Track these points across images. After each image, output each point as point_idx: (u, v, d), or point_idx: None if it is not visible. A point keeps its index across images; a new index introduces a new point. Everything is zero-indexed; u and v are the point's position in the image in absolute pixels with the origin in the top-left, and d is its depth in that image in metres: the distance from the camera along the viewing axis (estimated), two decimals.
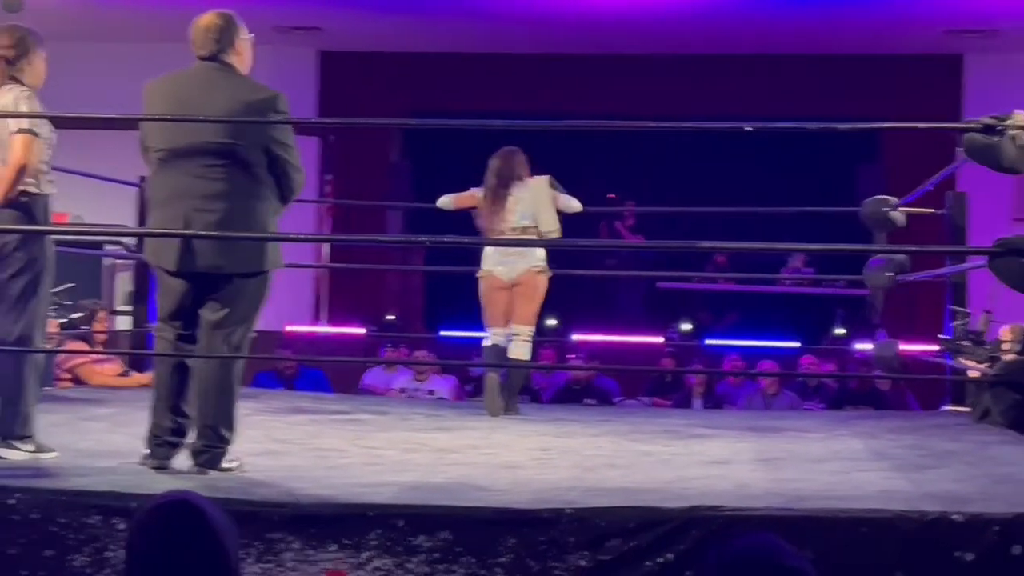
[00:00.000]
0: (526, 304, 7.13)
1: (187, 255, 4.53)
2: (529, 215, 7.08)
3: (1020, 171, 4.26)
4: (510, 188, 7.10)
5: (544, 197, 7.11)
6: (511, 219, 7.08)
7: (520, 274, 7.10)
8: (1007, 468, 4.92)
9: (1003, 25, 11.68)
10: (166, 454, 4.58)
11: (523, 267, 7.09)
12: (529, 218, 7.08)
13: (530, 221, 7.08)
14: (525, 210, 7.09)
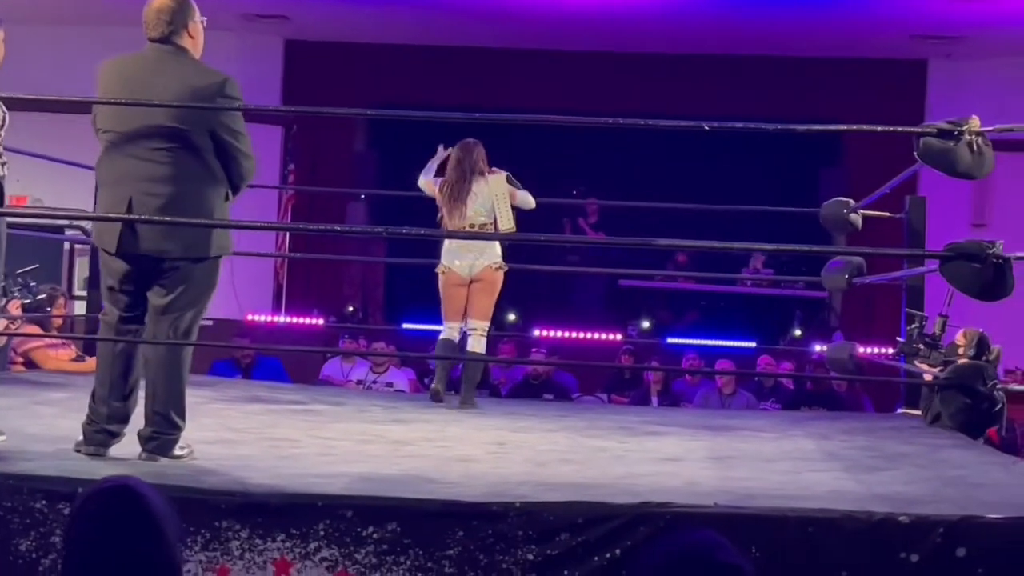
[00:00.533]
0: (484, 299, 7.18)
1: (129, 238, 4.49)
2: (487, 211, 7.11)
3: (975, 176, 4.29)
4: (470, 182, 7.10)
5: (502, 193, 7.12)
6: (469, 214, 7.09)
7: (479, 271, 7.13)
8: (956, 471, 4.95)
9: (968, 32, 11.79)
10: (103, 441, 4.54)
11: (483, 264, 7.13)
12: (487, 214, 7.11)
13: (487, 217, 7.11)
14: (483, 205, 7.11)
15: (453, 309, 7.24)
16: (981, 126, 4.44)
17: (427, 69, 13.20)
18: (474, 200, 7.10)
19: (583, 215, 13.61)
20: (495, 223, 7.11)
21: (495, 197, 7.09)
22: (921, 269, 6.82)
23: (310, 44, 13.26)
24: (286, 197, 12.89)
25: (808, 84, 13.09)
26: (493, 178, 7.15)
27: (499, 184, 7.13)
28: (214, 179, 4.56)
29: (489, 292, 7.19)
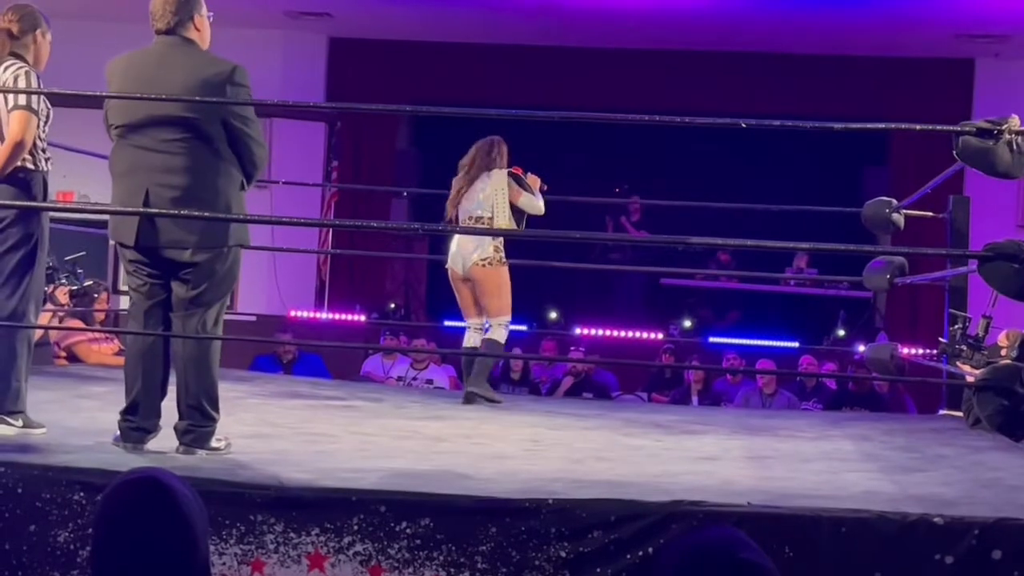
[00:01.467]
0: (489, 299, 7.14)
1: (148, 230, 4.53)
2: (487, 206, 7.11)
3: (1015, 176, 4.24)
4: (477, 177, 7.16)
5: (501, 188, 7.09)
6: (468, 208, 7.16)
7: (469, 268, 7.11)
8: (994, 473, 4.92)
9: (1014, 30, 11.66)
10: (139, 438, 4.60)
11: (472, 260, 7.09)
12: (485, 209, 7.12)
13: (486, 212, 7.11)
14: (485, 201, 7.11)
15: (462, 305, 7.30)
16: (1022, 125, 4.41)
17: (469, 66, 13.23)
18: (475, 195, 7.14)
19: (625, 213, 13.59)
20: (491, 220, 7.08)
21: (495, 192, 7.09)
22: (963, 269, 6.77)
23: (354, 41, 13.30)
24: (329, 194, 12.94)
25: (855, 83, 13.00)
26: (496, 173, 7.14)
27: (500, 179, 7.12)
28: (227, 169, 4.58)
29: (490, 291, 7.12)
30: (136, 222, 4.53)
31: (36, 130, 4.80)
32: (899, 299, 12.51)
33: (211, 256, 4.57)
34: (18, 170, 4.79)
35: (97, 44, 10.48)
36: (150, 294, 4.64)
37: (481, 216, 7.07)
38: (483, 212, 7.08)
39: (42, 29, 4.97)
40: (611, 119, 5.44)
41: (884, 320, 12.99)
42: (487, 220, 7.05)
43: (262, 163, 4.71)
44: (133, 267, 4.65)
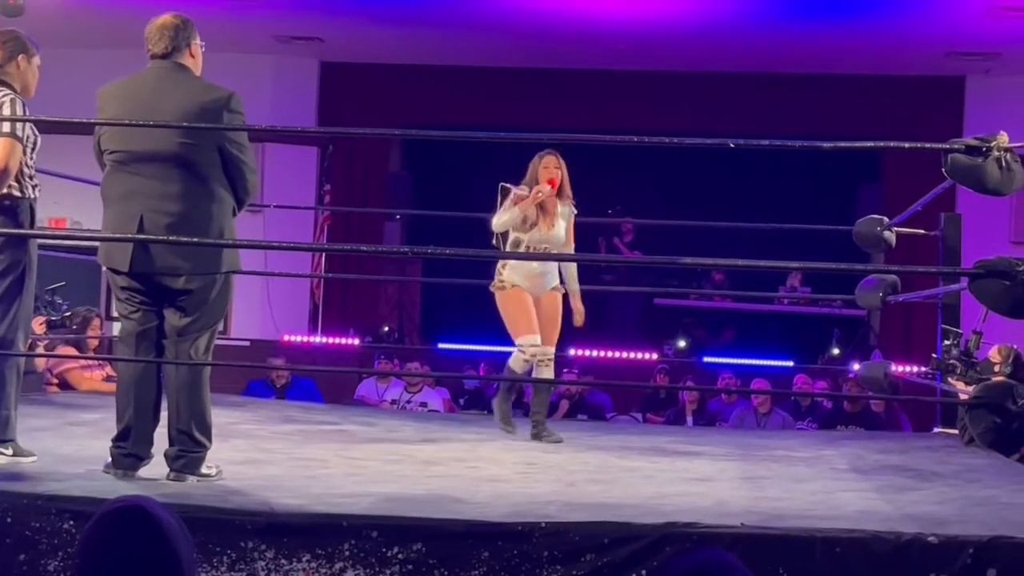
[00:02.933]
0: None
1: (142, 256, 4.52)
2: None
3: (1004, 193, 4.24)
4: None
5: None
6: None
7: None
8: (989, 491, 4.90)
9: (1004, 48, 11.71)
10: (131, 465, 4.57)
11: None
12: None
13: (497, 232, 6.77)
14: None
15: None
16: (1016, 142, 4.41)
17: (461, 89, 13.26)
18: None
19: (618, 234, 13.59)
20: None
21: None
22: (956, 287, 6.77)
23: (345, 65, 13.33)
24: (322, 218, 12.94)
25: (847, 102, 13.04)
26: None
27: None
28: (222, 195, 4.58)
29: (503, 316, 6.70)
30: (130, 248, 4.52)
31: (23, 157, 4.79)
32: (893, 316, 12.52)
33: (204, 283, 4.56)
34: (4, 197, 4.77)
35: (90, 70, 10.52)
36: (142, 321, 4.63)
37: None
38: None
39: (28, 54, 4.94)
40: (601, 140, 5.43)
41: (878, 338, 12.98)
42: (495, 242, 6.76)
43: (254, 189, 4.71)
44: (125, 294, 4.63)
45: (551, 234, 6.59)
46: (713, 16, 11.11)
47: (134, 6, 10.35)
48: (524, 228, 6.57)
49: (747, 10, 10.92)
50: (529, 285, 6.58)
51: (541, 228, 6.57)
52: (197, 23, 4.86)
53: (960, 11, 10.69)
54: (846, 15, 10.91)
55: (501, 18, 11.37)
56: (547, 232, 6.59)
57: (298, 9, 11.52)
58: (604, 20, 11.23)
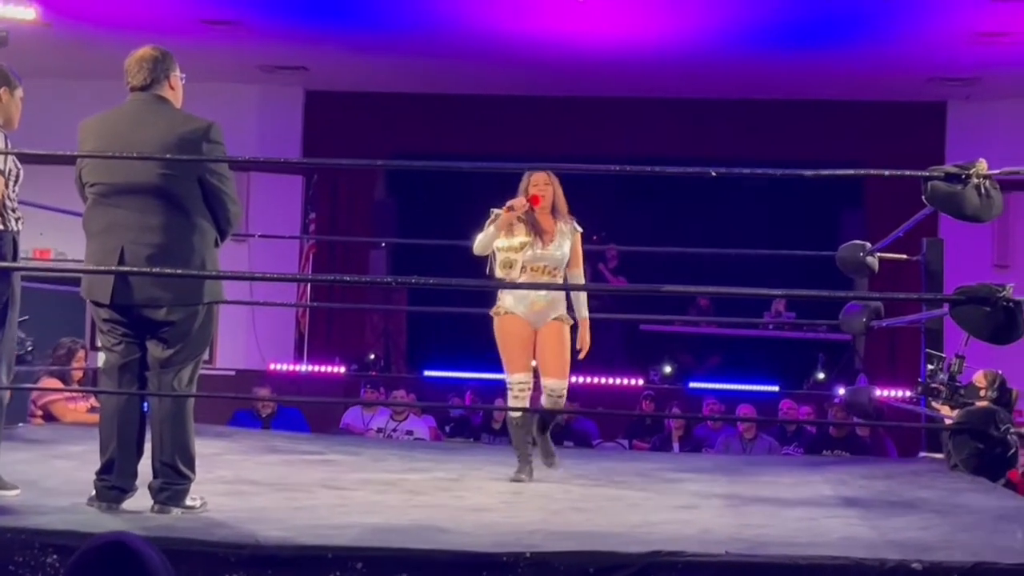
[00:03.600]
0: None
1: (123, 288, 4.52)
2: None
3: (983, 219, 4.27)
4: None
5: None
6: None
7: None
8: (973, 516, 4.91)
9: (985, 73, 11.80)
10: (115, 497, 4.56)
11: None
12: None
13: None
14: None
15: None
16: (997, 167, 4.45)
17: (446, 117, 13.30)
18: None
19: (603, 260, 13.60)
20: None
21: None
22: (938, 312, 6.79)
23: (330, 94, 13.36)
24: (307, 246, 12.95)
25: (829, 127, 13.12)
26: None
27: None
28: (203, 226, 4.59)
29: None
30: (111, 280, 4.52)
31: (5, 190, 4.78)
32: (878, 341, 12.55)
33: (186, 314, 4.56)
34: None
35: (73, 102, 10.55)
36: (125, 353, 4.63)
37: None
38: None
39: (10, 87, 4.94)
40: (585, 169, 5.47)
41: (863, 362, 13.01)
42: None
43: (236, 220, 4.72)
44: (108, 326, 4.63)
45: (547, 253, 6.17)
46: (697, 43, 11.17)
47: (117, 38, 10.40)
48: (516, 248, 6.15)
49: (730, 37, 10.98)
50: (526, 312, 6.16)
51: (535, 247, 6.14)
52: (182, 52, 4.89)
53: (941, 37, 10.77)
54: (828, 41, 10.98)
55: (485, 46, 11.42)
56: (543, 250, 6.16)
57: (283, 39, 11.55)
58: (589, 48, 11.28)
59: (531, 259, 6.15)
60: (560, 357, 6.23)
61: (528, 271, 6.14)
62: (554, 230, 6.23)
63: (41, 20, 10.72)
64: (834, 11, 10.09)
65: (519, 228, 6.18)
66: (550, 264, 6.18)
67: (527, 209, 6.18)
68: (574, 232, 6.33)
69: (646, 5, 10.28)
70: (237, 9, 10.71)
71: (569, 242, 6.27)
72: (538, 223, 6.20)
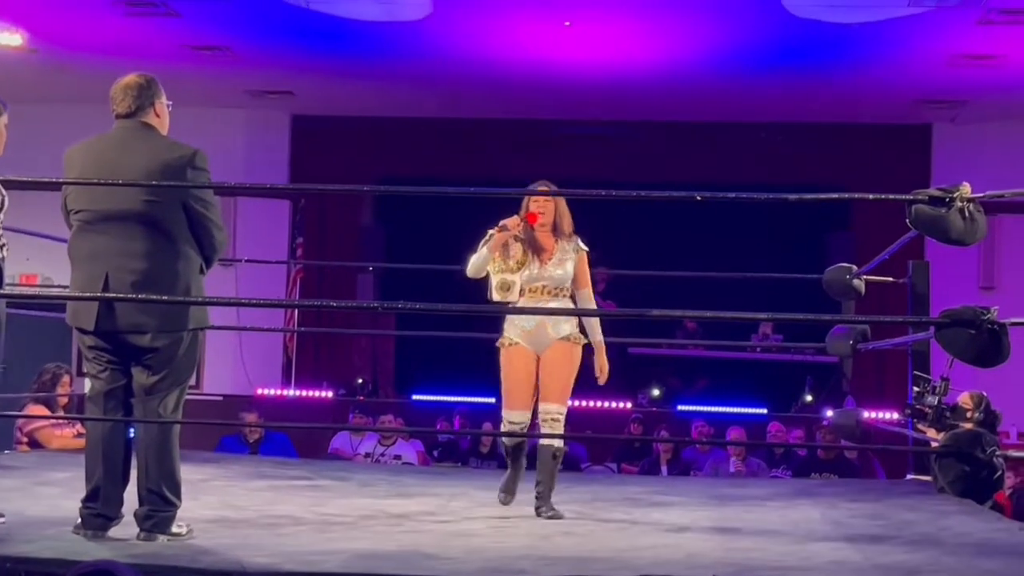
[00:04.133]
0: None
1: (107, 315, 4.52)
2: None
3: (967, 243, 4.29)
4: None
5: None
6: None
7: None
8: (960, 538, 4.92)
9: (971, 96, 11.85)
10: (101, 525, 4.55)
11: None
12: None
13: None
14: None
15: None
16: (982, 190, 4.47)
17: (433, 141, 13.31)
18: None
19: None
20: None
21: None
22: (924, 335, 6.81)
23: (317, 119, 13.37)
24: (294, 271, 12.94)
25: (816, 150, 13.17)
26: None
27: None
28: (188, 252, 4.59)
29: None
30: (96, 307, 4.52)
31: None
32: (865, 363, 12.55)
33: (171, 340, 4.55)
34: None
35: (57, 127, 10.55)
36: (110, 380, 4.62)
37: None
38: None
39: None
40: (571, 194, 5.48)
41: (851, 385, 13.02)
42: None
43: (222, 246, 4.72)
44: (92, 353, 4.63)
45: (546, 272, 5.85)
46: (682, 67, 11.21)
47: (103, 64, 10.42)
48: (512, 269, 5.86)
49: (716, 61, 11.02)
50: (526, 340, 5.85)
51: (532, 267, 5.85)
52: (169, 78, 4.90)
53: (926, 60, 10.81)
54: (814, 65, 11.02)
55: (471, 71, 11.44)
56: (540, 270, 5.85)
57: (269, 64, 11.57)
58: (575, 72, 11.31)
59: (529, 279, 5.86)
60: (560, 381, 5.88)
61: (527, 292, 5.85)
62: (554, 248, 5.92)
63: (27, 46, 10.74)
64: (819, 34, 10.13)
65: (515, 248, 5.89)
66: (550, 284, 5.87)
67: (523, 227, 5.90)
68: (578, 251, 5.98)
69: (632, 29, 10.31)
70: (223, 35, 10.72)
71: (572, 262, 5.93)
72: (536, 241, 5.91)
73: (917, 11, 9.47)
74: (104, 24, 10.31)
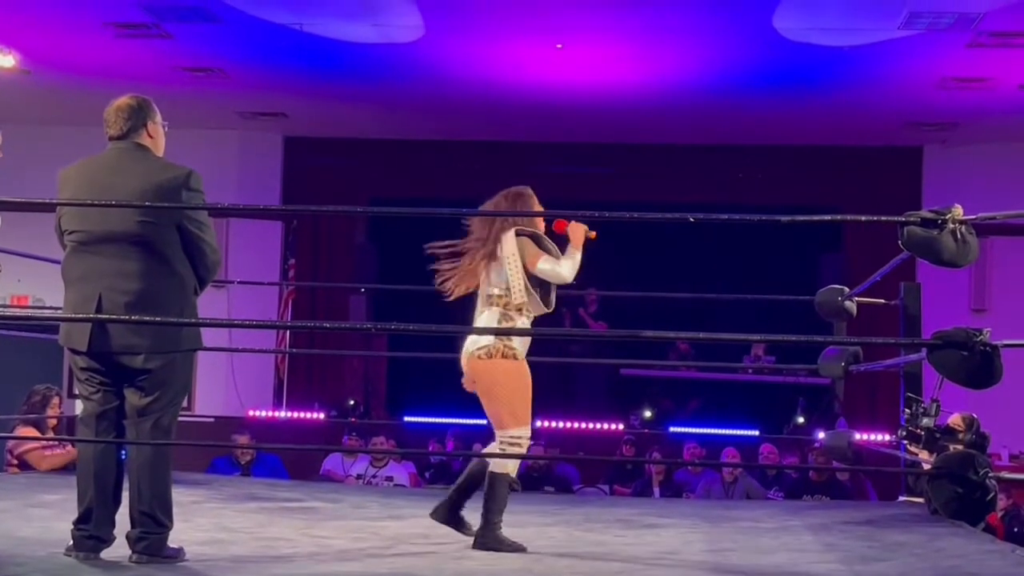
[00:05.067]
0: (488, 403, 5.38)
1: (100, 336, 4.51)
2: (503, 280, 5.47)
3: (959, 265, 4.30)
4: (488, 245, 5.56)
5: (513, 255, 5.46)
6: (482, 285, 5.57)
7: (464, 363, 5.51)
8: (953, 560, 4.90)
9: (961, 119, 11.91)
10: (93, 547, 4.53)
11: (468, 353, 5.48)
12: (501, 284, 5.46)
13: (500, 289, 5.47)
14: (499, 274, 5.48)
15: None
16: (972, 212, 4.48)
17: (425, 163, 13.34)
18: (489, 267, 5.50)
19: (583, 305, 13.63)
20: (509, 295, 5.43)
21: (507, 260, 5.42)
22: (916, 356, 6.81)
23: (309, 140, 13.40)
24: (287, 292, 12.94)
25: (808, 173, 13.23)
26: (507, 236, 5.47)
27: (509, 243, 5.44)
28: (182, 273, 4.58)
29: (483, 392, 5.38)
30: (88, 328, 4.51)
31: None
32: (857, 384, 12.57)
33: (164, 362, 4.54)
34: None
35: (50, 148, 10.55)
36: (102, 401, 4.61)
37: (491, 294, 5.46)
38: (498, 290, 5.44)
39: None
40: (561, 215, 5.46)
41: (843, 406, 13.02)
42: (504, 298, 5.41)
43: (215, 267, 4.71)
44: (85, 374, 4.62)
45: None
46: (674, 90, 11.24)
47: (96, 85, 10.44)
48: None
49: (707, 84, 11.06)
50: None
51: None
52: (162, 99, 4.90)
53: (917, 83, 10.86)
54: (805, 87, 11.06)
55: (463, 93, 11.47)
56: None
57: (262, 86, 11.59)
58: (567, 94, 11.34)
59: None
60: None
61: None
62: None
63: (20, 67, 10.75)
64: (810, 57, 10.18)
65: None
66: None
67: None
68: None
69: (624, 52, 10.35)
70: (216, 57, 10.74)
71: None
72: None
73: (908, 34, 9.52)
74: (96, 45, 10.33)
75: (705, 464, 10.58)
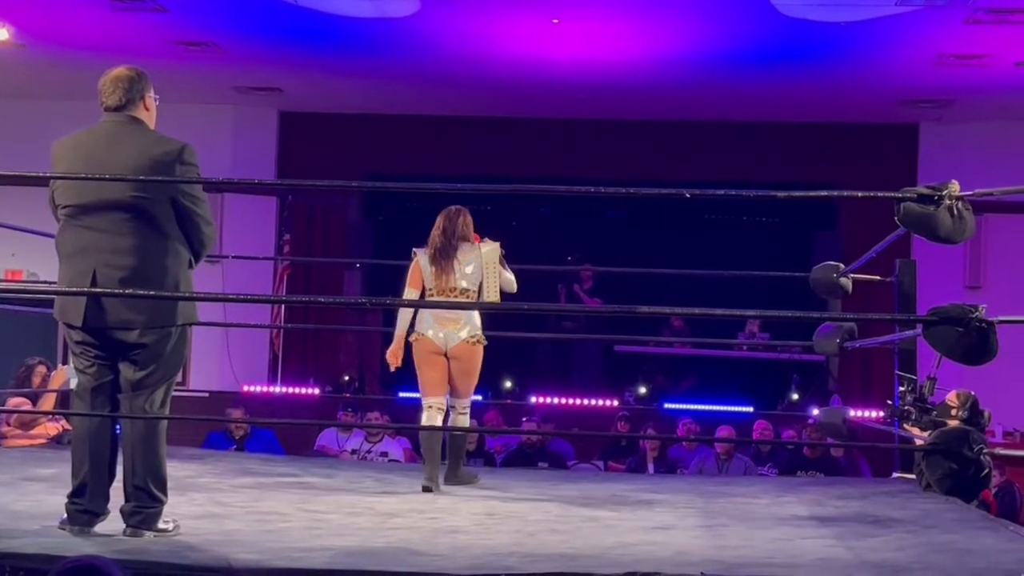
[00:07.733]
0: (464, 378, 6.80)
1: (95, 310, 4.49)
2: (474, 280, 6.71)
3: (956, 241, 4.29)
4: (455, 248, 6.72)
5: (493, 264, 6.76)
6: (453, 282, 6.70)
7: (456, 345, 6.73)
8: (947, 536, 4.91)
9: (956, 96, 11.89)
10: (87, 521, 4.53)
11: (460, 337, 6.72)
12: (472, 283, 6.71)
13: (471, 286, 6.71)
14: (472, 274, 6.71)
15: (432, 380, 6.77)
16: (968, 189, 4.48)
17: (420, 138, 13.31)
18: (460, 267, 6.70)
19: (578, 281, 13.63)
20: (479, 293, 6.73)
21: (486, 267, 6.72)
22: (911, 333, 6.81)
23: (304, 115, 13.38)
24: (281, 268, 12.93)
25: (804, 150, 13.21)
26: (486, 248, 6.76)
27: (493, 255, 6.76)
28: (177, 248, 4.57)
29: (468, 370, 6.78)
30: (83, 302, 4.49)
31: None
32: (852, 362, 12.60)
33: (159, 336, 4.53)
34: None
35: (45, 122, 10.52)
36: (97, 375, 4.60)
37: (467, 289, 6.70)
38: (469, 285, 6.70)
39: None
40: (559, 191, 5.46)
41: (837, 383, 13.05)
42: (472, 294, 6.71)
43: (210, 241, 4.70)
44: (80, 348, 4.61)
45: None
46: (669, 66, 11.22)
47: (91, 59, 10.38)
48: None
49: (703, 60, 11.03)
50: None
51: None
52: (157, 74, 4.87)
53: (913, 59, 10.84)
54: (800, 64, 11.04)
55: (459, 68, 11.44)
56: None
57: (257, 61, 11.55)
58: (563, 70, 11.31)
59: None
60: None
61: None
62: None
63: (14, 41, 10.70)
64: (806, 33, 10.15)
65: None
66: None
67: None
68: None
69: (620, 28, 10.31)
70: (211, 31, 10.70)
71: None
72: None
73: (905, 10, 9.49)
74: (91, 19, 10.29)
75: (699, 440, 10.59)
